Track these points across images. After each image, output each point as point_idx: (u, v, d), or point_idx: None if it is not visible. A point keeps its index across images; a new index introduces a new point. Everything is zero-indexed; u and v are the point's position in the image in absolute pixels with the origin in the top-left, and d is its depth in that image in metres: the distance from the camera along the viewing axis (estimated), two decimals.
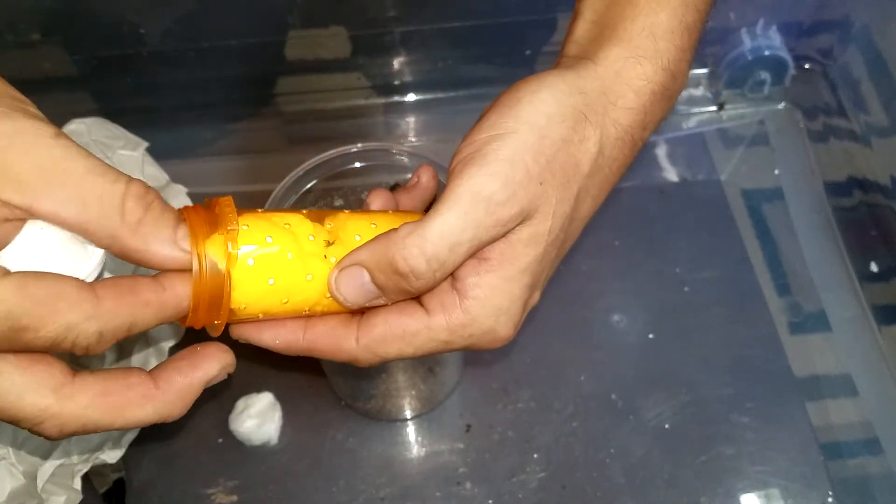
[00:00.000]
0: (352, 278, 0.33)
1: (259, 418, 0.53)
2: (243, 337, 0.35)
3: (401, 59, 0.69)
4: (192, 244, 0.30)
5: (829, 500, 0.52)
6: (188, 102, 0.69)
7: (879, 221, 0.62)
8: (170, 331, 0.52)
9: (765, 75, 0.69)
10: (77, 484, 0.46)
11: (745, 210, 0.66)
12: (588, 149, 0.34)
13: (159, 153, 0.58)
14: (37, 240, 0.28)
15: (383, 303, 0.34)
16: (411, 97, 0.71)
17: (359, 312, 0.35)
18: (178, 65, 0.66)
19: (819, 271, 0.62)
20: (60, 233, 0.28)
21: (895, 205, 0.60)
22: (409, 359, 0.35)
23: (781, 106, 0.71)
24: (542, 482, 0.53)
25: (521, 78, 0.34)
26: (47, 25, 0.63)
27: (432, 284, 0.32)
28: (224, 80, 0.69)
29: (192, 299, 0.30)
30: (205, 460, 0.54)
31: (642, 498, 0.52)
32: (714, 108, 0.71)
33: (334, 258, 0.33)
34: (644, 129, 0.36)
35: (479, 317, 0.33)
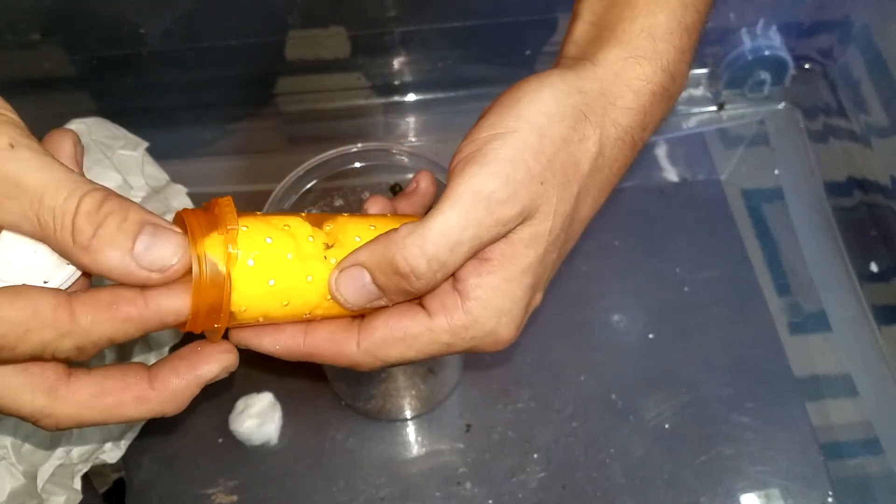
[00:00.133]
0: (352, 279, 0.32)
1: (259, 418, 0.53)
2: (243, 342, 0.34)
3: (401, 59, 0.69)
4: (190, 246, 0.29)
5: (829, 500, 0.52)
6: (188, 102, 0.69)
7: (879, 221, 0.62)
8: (170, 332, 0.52)
9: (765, 75, 0.69)
10: (77, 484, 0.46)
11: (745, 210, 0.66)
12: (588, 148, 0.34)
13: (159, 153, 0.58)
14: (10, 247, 0.28)
15: (384, 304, 0.33)
16: (411, 97, 0.71)
17: (359, 316, 0.35)
18: (178, 65, 0.66)
19: (819, 271, 0.62)
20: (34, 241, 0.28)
21: (895, 205, 0.60)
22: (411, 362, 0.35)
23: (781, 106, 0.71)
24: (542, 482, 0.53)
25: (521, 78, 0.34)
26: (47, 25, 0.63)
27: (433, 285, 0.32)
28: (224, 80, 0.69)
29: (191, 302, 0.29)
30: (205, 460, 0.54)
31: (642, 498, 0.52)
32: (714, 108, 0.71)
33: (334, 259, 0.33)
34: (644, 130, 0.36)
35: (480, 318, 0.33)
